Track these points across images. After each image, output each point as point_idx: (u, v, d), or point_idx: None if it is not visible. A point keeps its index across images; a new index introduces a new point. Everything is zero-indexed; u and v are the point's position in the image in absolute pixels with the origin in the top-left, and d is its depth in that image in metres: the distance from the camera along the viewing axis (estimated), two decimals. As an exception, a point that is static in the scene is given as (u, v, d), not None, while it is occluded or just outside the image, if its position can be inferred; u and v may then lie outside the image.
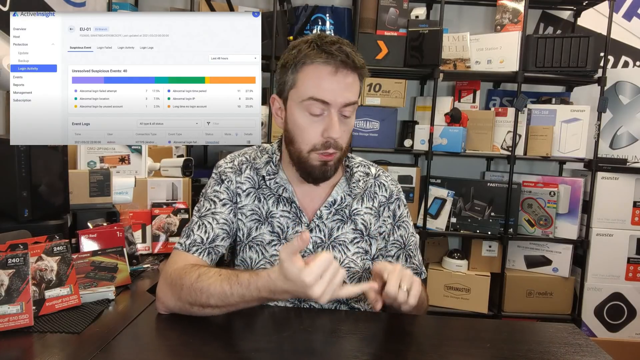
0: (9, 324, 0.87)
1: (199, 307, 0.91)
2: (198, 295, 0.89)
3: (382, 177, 1.15)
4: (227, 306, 0.90)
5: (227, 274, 0.90)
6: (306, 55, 0.95)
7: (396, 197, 1.14)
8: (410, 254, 1.14)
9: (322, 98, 0.95)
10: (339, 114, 0.98)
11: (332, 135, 0.97)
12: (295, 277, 0.80)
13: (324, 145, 0.98)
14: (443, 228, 2.42)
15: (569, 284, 2.45)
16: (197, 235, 1.02)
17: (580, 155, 2.39)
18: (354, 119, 1.03)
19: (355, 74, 0.97)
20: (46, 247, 0.99)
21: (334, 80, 0.95)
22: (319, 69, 0.95)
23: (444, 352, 0.87)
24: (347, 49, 0.95)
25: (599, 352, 0.87)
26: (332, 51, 0.93)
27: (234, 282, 0.88)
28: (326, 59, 0.94)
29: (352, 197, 1.09)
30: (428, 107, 2.46)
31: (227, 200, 1.06)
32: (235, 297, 0.87)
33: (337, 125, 0.96)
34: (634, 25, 2.66)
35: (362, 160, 1.17)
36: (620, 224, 2.42)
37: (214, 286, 0.89)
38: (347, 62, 0.94)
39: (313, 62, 0.95)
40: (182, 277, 0.92)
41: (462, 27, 2.61)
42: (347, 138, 1.02)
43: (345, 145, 1.02)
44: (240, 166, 1.09)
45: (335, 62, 0.94)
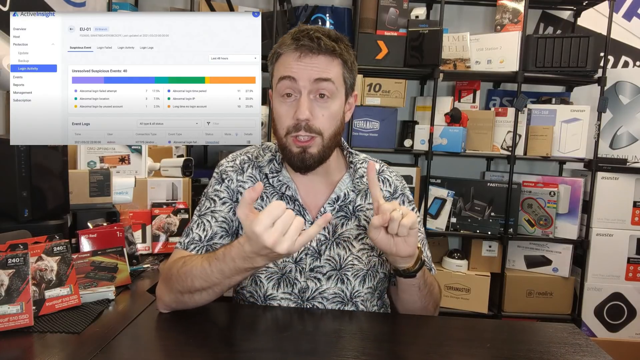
0: (9, 324, 0.87)
1: (188, 293, 0.91)
2: (184, 280, 0.90)
3: (386, 172, 1.15)
4: (212, 286, 0.89)
5: (207, 254, 0.91)
6: (280, 46, 0.99)
7: (401, 192, 1.14)
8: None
9: (287, 74, 0.96)
10: (313, 97, 0.97)
11: (299, 116, 0.95)
12: (249, 231, 0.77)
13: (295, 128, 0.97)
14: (443, 228, 2.42)
15: (569, 284, 2.45)
16: (195, 233, 1.03)
17: (580, 155, 2.40)
18: (337, 104, 1.00)
19: (326, 56, 0.97)
20: (46, 247, 0.99)
21: (301, 63, 0.96)
22: (288, 56, 0.97)
23: (444, 352, 0.87)
24: (316, 34, 0.95)
25: (599, 352, 0.87)
26: (299, 37, 0.95)
27: (212, 259, 0.88)
28: (294, 45, 0.96)
29: (355, 193, 1.09)
30: (428, 107, 2.46)
31: (227, 199, 1.06)
32: (215, 273, 0.87)
33: (305, 104, 0.95)
34: (634, 25, 2.66)
35: (367, 157, 1.16)
36: (620, 224, 2.42)
37: (196, 267, 0.89)
38: (312, 46, 0.95)
39: (284, 52, 0.98)
40: (171, 267, 0.95)
41: (462, 27, 2.61)
42: (328, 124, 0.99)
43: (328, 132, 0.99)
44: (242, 165, 1.10)
45: (300, 47, 0.95)
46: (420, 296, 1.01)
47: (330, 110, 0.99)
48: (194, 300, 0.93)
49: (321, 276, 1.05)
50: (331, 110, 0.99)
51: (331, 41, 0.96)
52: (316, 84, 0.96)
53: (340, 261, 1.05)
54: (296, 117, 0.96)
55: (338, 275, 1.05)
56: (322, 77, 0.96)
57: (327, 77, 0.96)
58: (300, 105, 0.96)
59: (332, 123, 1.00)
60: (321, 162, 1.01)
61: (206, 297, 0.92)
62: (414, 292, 1.00)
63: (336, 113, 1.00)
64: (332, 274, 1.05)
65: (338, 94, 1.00)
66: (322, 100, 0.98)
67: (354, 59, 1.03)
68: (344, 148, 1.13)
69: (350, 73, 1.02)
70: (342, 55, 0.99)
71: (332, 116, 0.99)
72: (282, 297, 1.04)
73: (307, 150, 0.98)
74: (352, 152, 1.13)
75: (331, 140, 1.01)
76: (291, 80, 0.96)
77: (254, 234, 0.76)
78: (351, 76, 1.03)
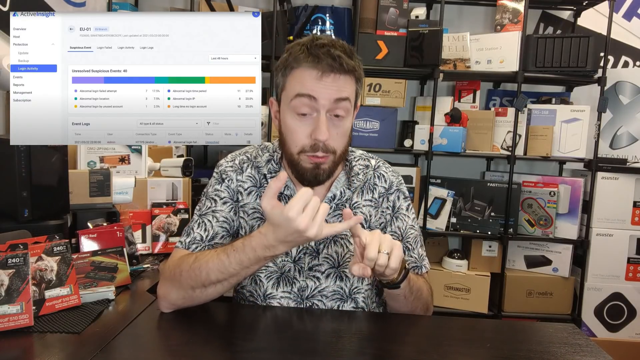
0: (9, 324, 0.87)
1: (201, 287, 0.92)
2: (197, 275, 0.91)
3: (381, 168, 1.14)
4: (228, 278, 0.91)
5: (222, 247, 0.93)
6: (295, 59, 0.95)
7: (396, 188, 1.13)
8: (408, 246, 1.12)
9: (307, 92, 0.93)
10: (329, 115, 0.95)
11: (318, 137, 0.94)
12: (280, 219, 0.81)
13: (313, 148, 0.96)
14: (443, 228, 2.42)
15: (569, 284, 2.45)
16: (196, 233, 1.03)
17: (580, 155, 2.39)
18: (349, 121, 0.99)
19: (345, 76, 0.95)
20: (46, 247, 0.99)
21: (321, 83, 0.93)
22: (306, 73, 0.94)
23: (444, 352, 0.87)
24: (336, 52, 0.92)
25: (599, 352, 0.87)
26: (319, 54, 0.92)
27: (230, 251, 0.89)
28: (313, 62, 0.93)
29: (351, 191, 1.08)
30: (428, 107, 2.46)
31: (227, 199, 1.07)
32: (234, 264, 0.89)
33: (325, 126, 0.94)
34: (634, 25, 2.66)
35: (363, 154, 1.16)
36: (620, 224, 2.42)
37: (212, 260, 0.90)
38: (334, 66, 0.92)
39: (300, 66, 0.94)
40: (180, 265, 0.95)
41: (462, 27, 2.61)
42: (341, 142, 0.99)
43: (340, 149, 0.99)
44: (241, 165, 1.09)
45: (322, 65, 0.92)
46: (406, 303, 1.02)
47: (343, 128, 0.98)
48: (206, 294, 0.93)
49: (320, 274, 1.05)
50: (344, 128, 0.99)
51: (349, 59, 0.94)
52: (335, 103, 0.94)
53: (339, 259, 1.06)
54: (315, 137, 0.95)
55: (337, 273, 1.05)
56: (342, 96, 0.95)
57: (345, 97, 0.95)
58: (320, 125, 0.94)
59: (344, 140, 1.00)
60: (330, 176, 1.02)
61: (220, 290, 0.93)
62: (400, 300, 1.01)
63: (348, 130, 1.00)
64: (330, 272, 1.05)
65: (351, 111, 0.99)
66: (337, 120, 0.97)
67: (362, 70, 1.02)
68: None
69: (360, 87, 1.01)
70: (356, 72, 0.97)
71: (344, 134, 0.99)
72: (281, 296, 1.05)
73: (321, 167, 0.98)
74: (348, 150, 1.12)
75: (341, 157, 1.02)
76: (310, 99, 0.94)
77: (287, 219, 0.80)
78: (360, 89, 1.02)
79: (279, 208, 0.82)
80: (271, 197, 0.83)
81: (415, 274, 1.10)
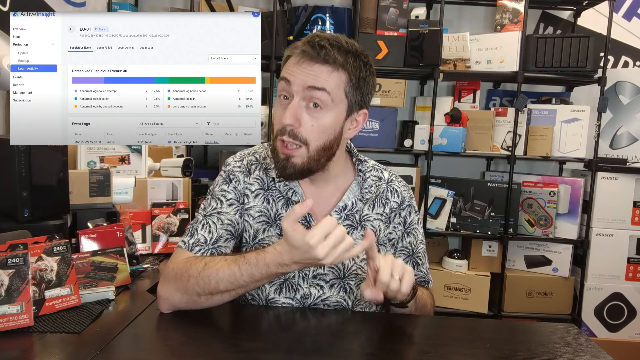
0: (9, 324, 0.87)
1: (208, 295, 0.92)
2: (207, 282, 0.90)
3: (394, 183, 1.13)
4: (236, 289, 0.91)
5: (233, 257, 0.93)
6: (290, 49, 0.98)
7: (408, 204, 1.12)
8: (418, 261, 1.13)
9: (284, 75, 0.96)
10: (305, 103, 0.94)
11: (282, 120, 0.94)
12: (300, 242, 0.83)
13: (281, 131, 0.96)
14: (443, 228, 2.42)
15: (569, 284, 2.45)
16: (200, 234, 1.01)
17: (580, 155, 2.40)
18: (330, 117, 0.96)
19: (326, 66, 0.93)
20: (46, 247, 0.99)
21: (298, 67, 0.95)
22: (290, 59, 0.97)
23: (444, 352, 0.87)
24: (322, 42, 0.93)
25: (599, 352, 0.87)
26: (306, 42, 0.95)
27: (242, 263, 0.89)
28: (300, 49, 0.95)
29: (363, 203, 1.07)
30: (428, 107, 2.46)
31: (233, 201, 1.05)
32: (245, 277, 0.89)
33: (292, 110, 0.94)
34: (634, 25, 2.66)
35: (375, 164, 1.14)
36: (620, 224, 2.42)
37: (223, 270, 0.90)
38: (311, 54, 0.93)
39: (292, 54, 0.97)
40: (188, 268, 0.93)
41: (462, 27, 2.61)
42: (316, 135, 0.95)
43: (315, 144, 0.96)
44: (249, 166, 1.08)
45: (301, 52, 0.95)
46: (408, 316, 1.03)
47: (321, 121, 0.95)
48: (211, 301, 0.93)
49: (324, 283, 1.04)
50: (322, 121, 0.95)
51: (339, 53, 0.93)
52: (309, 91, 0.93)
53: (344, 270, 1.05)
54: (281, 121, 0.95)
55: (341, 284, 1.05)
56: (316, 85, 0.93)
57: (321, 87, 0.93)
58: (287, 109, 0.94)
59: (322, 135, 0.96)
60: (303, 174, 0.99)
61: (226, 298, 0.93)
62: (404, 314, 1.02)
63: (329, 126, 0.96)
64: (335, 282, 1.05)
65: (335, 107, 0.96)
66: (314, 110, 0.94)
67: (369, 76, 0.99)
68: (354, 155, 1.11)
69: (357, 90, 0.97)
70: (346, 68, 0.95)
71: (322, 128, 0.96)
72: (283, 301, 1.04)
73: (290, 160, 0.96)
74: (361, 160, 1.11)
75: (318, 153, 0.97)
76: (286, 83, 0.95)
77: (307, 245, 0.82)
78: (358, 93, 0.98)
79: (301, 232, 0.83)
80: (293, 220, 0.83)
81: (421, 286, 1.11)
